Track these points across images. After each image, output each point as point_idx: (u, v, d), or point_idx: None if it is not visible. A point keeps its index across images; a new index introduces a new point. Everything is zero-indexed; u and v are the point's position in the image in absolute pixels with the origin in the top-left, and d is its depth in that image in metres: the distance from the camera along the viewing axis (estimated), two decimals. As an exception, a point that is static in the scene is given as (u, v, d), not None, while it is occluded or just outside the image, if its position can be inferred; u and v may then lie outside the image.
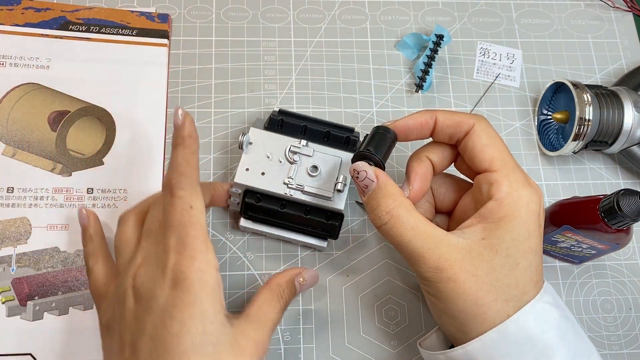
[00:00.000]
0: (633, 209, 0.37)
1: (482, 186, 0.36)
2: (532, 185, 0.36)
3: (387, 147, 0.37)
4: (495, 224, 0.34)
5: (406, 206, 0.35)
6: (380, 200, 0.35)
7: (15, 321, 0.43)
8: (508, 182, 0.35)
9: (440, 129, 0.37)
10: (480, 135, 0.36)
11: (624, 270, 0.49)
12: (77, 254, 0.45)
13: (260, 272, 0.46)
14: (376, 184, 0.35)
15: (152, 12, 0.53)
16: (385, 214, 0.35)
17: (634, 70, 0.53)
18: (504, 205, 0.34)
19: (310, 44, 0.54)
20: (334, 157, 0.44)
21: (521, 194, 0.35)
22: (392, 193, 0.35)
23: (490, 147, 0.36)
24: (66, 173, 0.47)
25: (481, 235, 0.34)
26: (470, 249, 0.34)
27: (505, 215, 0.34)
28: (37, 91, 0.49)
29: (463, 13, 0.57)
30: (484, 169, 0.36)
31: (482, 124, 0.37)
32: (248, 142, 0.44)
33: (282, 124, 0.45)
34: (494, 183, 0.35)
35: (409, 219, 0.34)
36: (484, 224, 0.35)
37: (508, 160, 0.36)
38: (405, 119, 0.38)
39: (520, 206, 0.34)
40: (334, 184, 0.43)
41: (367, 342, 0.45)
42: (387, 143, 0.37)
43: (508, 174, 0.35)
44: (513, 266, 0.34)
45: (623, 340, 0.47)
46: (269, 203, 0.43)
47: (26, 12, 0.51)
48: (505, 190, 0.35)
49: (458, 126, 0.37)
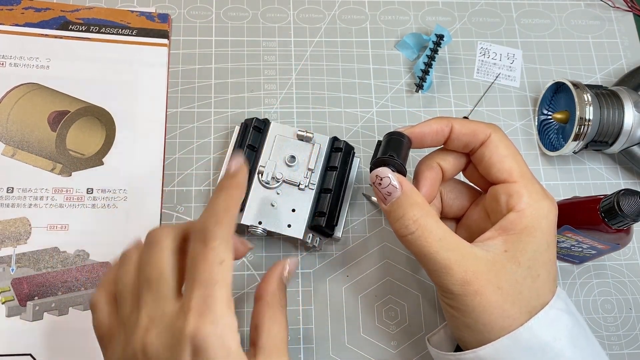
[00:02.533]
0: (633, 209, 0.37)
1: (499, 197, 0.36)
2: (549, 197, 0.36)
3: (405, 153, 0.36)
4: (517, 235, 0.34)
5: (433, 216, 0.34)
6: (406, 208, 0.34)
7: (15, 321, 0.43)
8: (528, 194, 0.35)
9: (455, 137, 0.37)
10: (498, 146, 0.36)
11: (624, 271, 0.49)
12: (77, 254, 0.45)
13: (260, 272, 0.46)
14: (400, 191, 0.35)
15: (152, 12, 0.53)
16: (412, 223, 0.34)
17: (634, 70, 0.53)
18: (525, 217, 0.34)
19: (310, 44, 0.54)
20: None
21: (542, 205, 0.34)
22: (419, 202, 0.34)
23: (509, 158, 0.36)
24: (66, 173, 0.47)
25: (503, 248, 0.34)
26: (495, 262, 0.34)
27: (527, 227, 0.34)
28: (37, 91, 0.49)
29: (463, 13, 0.57)
30: (503, 179, 0.36)
31: (498, 134, 0.36)
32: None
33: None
34: (514, 194, 0.35)
35: (437, 229, 0.34)
36: (505, 235, 0.34)
37: (526, 171, 0.36)
38: (421, 126, 0.37)
39: (541, 217, 0.34)
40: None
41: (367, 342, 0.45)
42: (404, 148, 0.36)
43: (527, 185, 0.35)
44: (535, 278, 0.34)
45: (623, 341, 0.47)
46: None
47: (26, 12, 0.51)
48: (526, 201, 0.34)
49: (474, 135, 0.36)
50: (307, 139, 0.47)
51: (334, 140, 0.48)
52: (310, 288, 0.46)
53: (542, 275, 0.34)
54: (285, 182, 0.45)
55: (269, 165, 0.46)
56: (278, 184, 0.45)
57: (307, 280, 0.46)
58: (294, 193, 0.45)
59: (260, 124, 0.47)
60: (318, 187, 0.46)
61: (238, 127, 0.48)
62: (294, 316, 0.45)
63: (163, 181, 0.48)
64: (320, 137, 0.47)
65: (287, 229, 0.44)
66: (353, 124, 0.51)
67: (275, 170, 0.45)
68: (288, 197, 0.45)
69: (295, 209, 0.45)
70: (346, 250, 0.47)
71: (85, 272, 0.44)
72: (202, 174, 0.49)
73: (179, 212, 0.47)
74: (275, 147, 0.46)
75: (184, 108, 0.51)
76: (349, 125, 0.51)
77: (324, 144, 0.47)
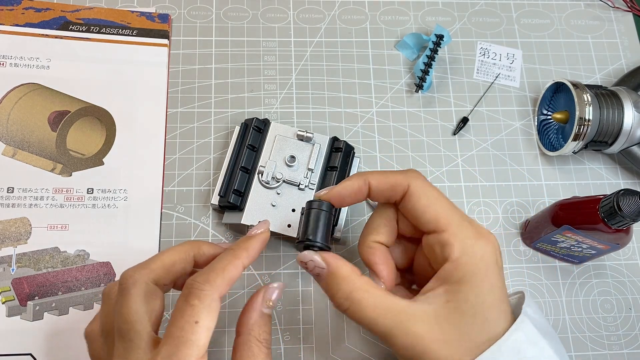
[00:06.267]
0: (633, 209, 0.37)
1: (434, 247, 0.35)
2: (484, 234, 0.34)
3: (326, 225, 0.36)
4: (456, 285, 0.33)
5: (362, 287, 0.33)
6: (338, 285, 0.34)
7: (15, 321, 0.43)
8: (459, 241, 0.33)
9: (375, 193, 0.36)
10: (419, 196, 0.35)
11: (624, 270, 0.49)
12: (77, 254, 0.45)
13: (260, 272, 0.46)
14: (327, 270, 0.34)
15: (152, 12, 0.53)
16: (344, 300, 0.33)
17: (634, 70, 0.53)
18: (460, 266, 0.33)
19: (310, 44, 0.54)
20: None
21: (475, 249, 0.33)
22: (346, 276, 0.34)
23: (431, 207, 0.34)
24: (66, 173, 0.47)
25: (445, 299, 0.33)
26: (437, 315, 0.33)
27: (464, 275, 0.33)
28: (37, 91, 0.49)
29: (463, 13, 0.57)
30: (432, 229, 0.34)
31: (417, 183, 0.35)
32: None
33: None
34: (445, 245, 0.34)
35: (368, 299, 0.33)
36: (446, 286, 0.33)
37: (453, 215, 0.34)
38: (338, 189, 0.36)
39: (477, 261, 0.33)
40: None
41: (367, 342, 0.45)
42: (325, 220, 0.36)
43: (456, 232, 0.34)
44: (482, 322, 0.33)
45: (623, 340, 0.47)
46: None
47: (26, 12, 0.51)
48: (458, 250, 0.33)
49: (393, 189, 0.35)
50: (307, 139, 0.47)
51: (334, 140, 0.48)
52: (310, 288, 0.46)
53: (491, 317, 0.33)
54: (285, 182, 0.46)
55: (269, 165, 0.46)
56: (278, 184, 0.45)
57: (307, 280, 0.46)
58: (294, 193, 0.45)
59: (260, 124, 0.47)
60: (318, 187, 0.46)
61: (238, 127, 0.48)
62: (294, 316, 0.45)
63: (163, 181, 0.48)
64: (320, 137, 0.47)
65: (287, 229, 0.44)
66: (353, 124, 0.51)
67: (275, 170, 0.46)
68: (288, 197, 0.45)
69: (295, 209, 0.45)
70: (346, 250, 0.47)
71: (85, 272, 0.44)
72: (202, 174, 0.49)
73: (179, 212, 0.47)
74: (275, 147, 0.46)
75: (184, 108, 0.51)
76: (349, 125, 0.51)
77: (324, 144, 0.47)
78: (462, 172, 0.51)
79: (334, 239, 0.47)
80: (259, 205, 0.45)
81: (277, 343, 0.44)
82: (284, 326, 0.45)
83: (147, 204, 0.47)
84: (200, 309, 0.30)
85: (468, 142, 0.52)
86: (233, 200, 0.45)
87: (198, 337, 0.30)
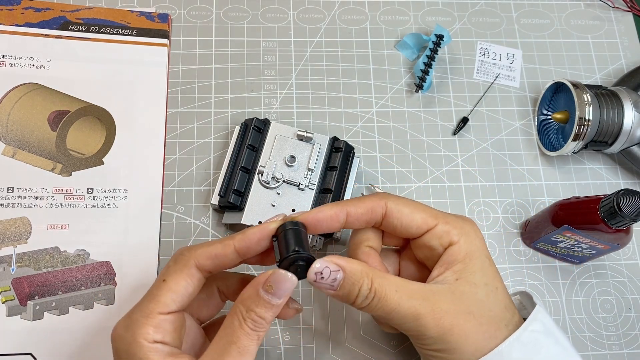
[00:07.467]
0: (633, 209, 0.37)
1: (431, 244, 0.36)
2: (465, 218, 0.38)
3: (306, 241, 0.34)
4: (461, 263, 0.35)
5: (379, 274, 0.34)
6: (355, 284, 0.33)
7: (15, 321, 0.43)
8: (452, 226, 0.36)
9: (354, 219, 0.36)
10: (400, 209, 0.36)
11: (624, 270, 0.49)
12: (77, 254, 0.45)
13: (260, 272, 0.46)
14: (342, 272, 0.33)
15: (152, 12, 0.53)
16: (369, 293, 0.34)
17: (634, 70, 0.53)
18: (462, 246, 0.36)
19: (310, 44, 0.54)
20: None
21: (467, 229, 0.36)
22: (361, 270, 0.34)
23: (415, 213, 0.36)
24: (66, 173, 0.47)
25: (455, 277, 0.35)
26: (453, 291, 0.34)
27: (468, 252, 0.36)
28: (37, 91, 0.49)
29: (463, 13, 0.57)
30: (423, 230, 0.36)
31: (392, 198, 0.37)
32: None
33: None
34: (442, 235, 0.36)
35: (389, 284, 0.34)
36: (452, 267, 0.35)
37: (436, 212, 0.37)
38: (315, 213, 0.35)
39: (472, 239, 0.36)
40: None
41: (367, 342, 0.45)
42: (304, 236, 0.34)
43: (447, 221, 0.36)
44: (494, 291, 0.35)
45: (623, 340, 0.47)
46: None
47: (26, 12, 0.51)
48: (456, 233, 0.36)
49: (372, 212, 0.36)
50: (307, 139, 0.47)
51: (334, 140, 0.48)
52: (311, 288, 0.46)
53: (499, 286, 0.36)
54: (285, 182, 0.46)
55: (269, 165, 0.46)
56: (278, 184, 0.45)
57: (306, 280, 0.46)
58: (294, 193, 0.45)
59: (260, 124, 0.47)
60: (318, 187, 0.46)
61: (238, 127, 0.48)
62: (294, 316, 0.45)
63: (163, 181, 0.48)
64: (320, 137, 0.47)
65: None
66: (353, 124, 0.51)
67: (275, 170, 0.46)
68: (288, 197, 0.45)
69: (295, 209, 0.45)
70: (346, 250, 0.47)
71: (85, 271, 0.44)
72: (202, 174, 0.49)
73: (179, 212, 0.47)
74: (275, 147, 0.46)
75: (184, 108, 0.51)
76: (349, 125, 0.51)
77: (324, 144, 0.47)
78: (462, 172, 0.51)
79: (334, 239, 0.47)
80: (259, 205, 0.45)
81: (277, 343, 0.44)
82: (284, 326, 0.45)
83: (147, 204, 0.47)
84: (172, 270, 0.33)
85: (468, 142, 0.52)
86: (233, 200, 0.45)
87: (161, 293, 0.33)
